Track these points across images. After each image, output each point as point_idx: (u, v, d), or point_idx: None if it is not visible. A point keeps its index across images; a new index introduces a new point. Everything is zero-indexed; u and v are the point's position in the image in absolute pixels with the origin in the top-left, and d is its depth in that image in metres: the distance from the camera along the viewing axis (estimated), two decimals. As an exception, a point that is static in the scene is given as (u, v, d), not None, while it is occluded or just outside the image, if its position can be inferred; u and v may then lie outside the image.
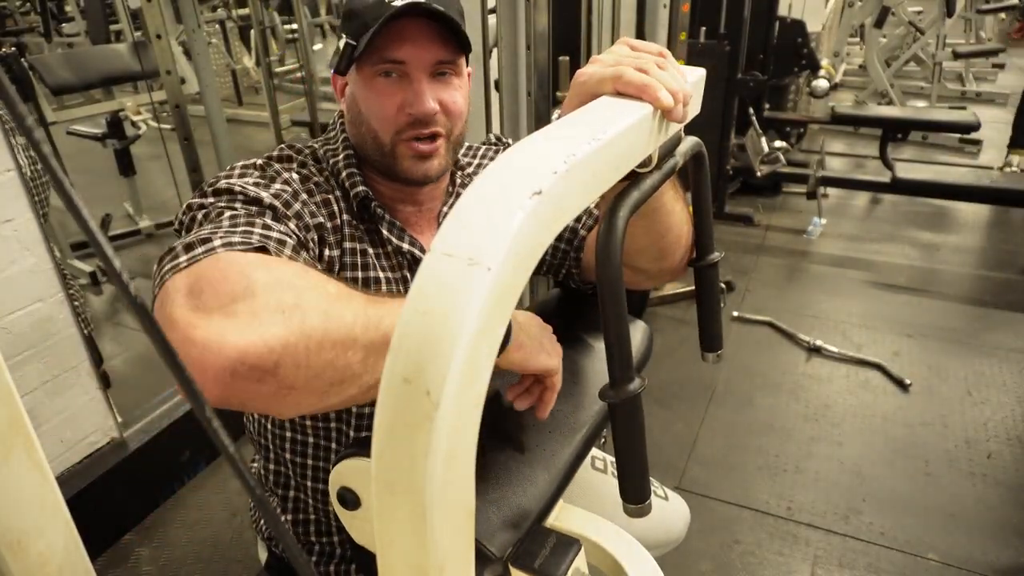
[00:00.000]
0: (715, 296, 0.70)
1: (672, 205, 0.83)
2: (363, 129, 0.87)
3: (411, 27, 0.80)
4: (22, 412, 0.60)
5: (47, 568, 0.66)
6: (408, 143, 0.85)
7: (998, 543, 1.80)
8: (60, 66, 3.13)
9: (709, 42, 3.29)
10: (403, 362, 0.31)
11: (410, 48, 0.81)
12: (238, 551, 1.84)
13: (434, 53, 0.82)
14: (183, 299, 0.59)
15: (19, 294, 1.62)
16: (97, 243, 0.27)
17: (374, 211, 0.88)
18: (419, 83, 0.83)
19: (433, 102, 0.83)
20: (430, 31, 0.81)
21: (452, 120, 0.86)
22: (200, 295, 0.58)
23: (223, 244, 0.64)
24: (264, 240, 0.68)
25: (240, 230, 0.68)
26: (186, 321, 0.56)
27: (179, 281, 0.61)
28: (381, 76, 0.83)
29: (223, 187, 0.75)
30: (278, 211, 0.75)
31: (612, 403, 0.50)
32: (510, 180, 0.37)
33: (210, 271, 0.61)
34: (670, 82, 0.56)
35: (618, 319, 0.48)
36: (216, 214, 0.71)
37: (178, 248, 0.65)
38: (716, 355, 0.71)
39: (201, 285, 0.59)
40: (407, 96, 0.83)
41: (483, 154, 1.06)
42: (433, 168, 0.87)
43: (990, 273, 3.16)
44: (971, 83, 5.97)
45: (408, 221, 0.93)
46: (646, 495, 0.54)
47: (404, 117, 0.84)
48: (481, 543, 0.63)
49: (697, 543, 1.82)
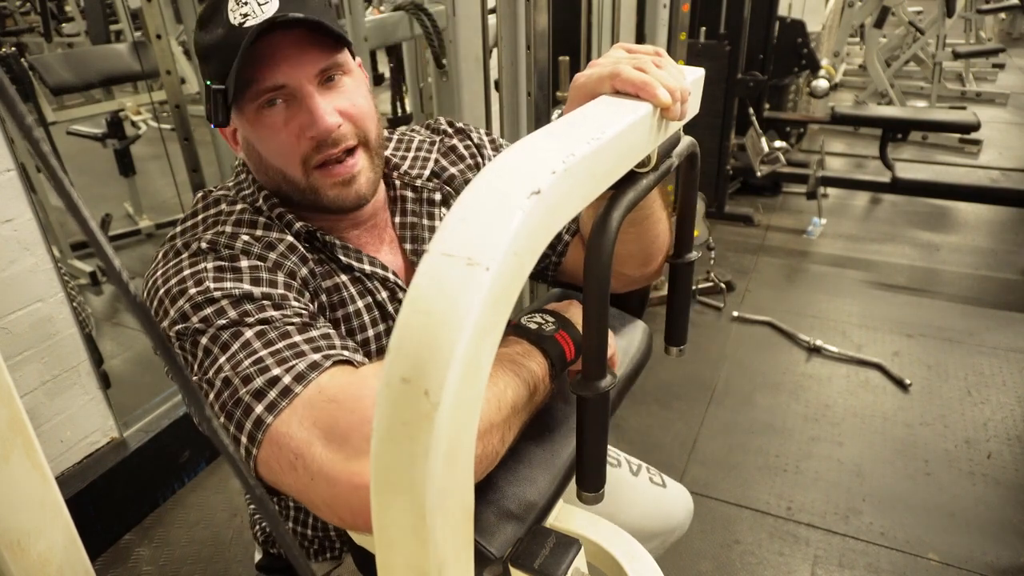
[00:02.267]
0: (687, 293, 0.72)
1: (660, 213, 0.85)
2: (271, 173, 0.78)
3: (275, 44, 0.71)
4: (22, 412, 0.60)
5: (47, 568, 0.66)
6: (323, 170, 0.76)
7: (998, 543, 1.80)
8: (60, 66, 3.13)
9: (709, 42, 3.29)
10: (402, 362, 0.31)
11: (284, 68, 0.72)
12: (238, 551, 1.84)
13: (312, 63, 0.73)
14: (323, 450, 0.58)
15: (19, 294, 1.62)
16: (97, 243, 0.27)
17: (323, 240, 0.81)
18: (310, 99, 0.73)
19: (333, 115, 0.74)
20: (298, 39, 0.72)
21: (361, 125, 0.77)
22: (345, 441, 0.58)
23: (295, 379, 0.62)
24: (324, 353, 0.65)
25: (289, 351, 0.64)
26: (348, 471, 0.57)
27: (291, 430, 0.60)
28: (265, 108, 0.74)
29: (201, 299, 0.67)
30: (273, 297, 0.69)
31: (582, 397, 0.51)
32: (509, 180, 0.37)
33: (342, 410, 0.59)
34: (668, 80, 0.56)
35: (599, 315, 0.49)
36: (231, 336, 0.66)
37: (244, 398, 0.62)
38: (679, 349, 0.73)
39: (339, 430, 0.58)
40: (302, 119, 0.73)
41: (418, 146, 0.95)
42: (363, 187, 0.79)
43: (990, 273, 3.16)
44: (971, 83, 5.97)
45: (358, 243, 0.86)
46: (602, 483, 0.55)
47: (307, 143, 0.74)
48: (480, 543, 0.63)
49: (697, 543, 1.82)
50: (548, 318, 0.75)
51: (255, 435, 0.62)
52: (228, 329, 0.66)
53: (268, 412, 0.61)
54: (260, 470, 0.63)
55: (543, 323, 0.74)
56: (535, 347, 0.71)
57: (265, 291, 0.69)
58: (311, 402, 0.61)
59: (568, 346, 0.73)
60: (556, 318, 0.75)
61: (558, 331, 0.73)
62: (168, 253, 0.74)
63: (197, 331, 0.67)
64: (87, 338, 1.79)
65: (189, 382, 0.30)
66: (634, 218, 0.81)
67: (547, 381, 0.70)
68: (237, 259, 0.72)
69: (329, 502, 0.59)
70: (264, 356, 0.64)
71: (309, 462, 0.59)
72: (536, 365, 0.69)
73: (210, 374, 0.66)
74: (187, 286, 0.69)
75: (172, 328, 0.68)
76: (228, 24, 0.71)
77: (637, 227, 0.83)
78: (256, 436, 0.62)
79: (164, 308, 0.69)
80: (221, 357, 0.65)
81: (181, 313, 0.68)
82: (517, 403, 0.65)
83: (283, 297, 0.70)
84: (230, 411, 0.63)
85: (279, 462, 0.61)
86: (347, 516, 0.59)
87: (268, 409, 0.61)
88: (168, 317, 0.69)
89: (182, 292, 0.68)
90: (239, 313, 0.67)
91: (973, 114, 3.45)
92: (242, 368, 0.64)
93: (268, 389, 0.62)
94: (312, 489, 0.59)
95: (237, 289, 0.68)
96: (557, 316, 0.76)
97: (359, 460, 0.57)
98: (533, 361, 0.69)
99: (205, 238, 0.74)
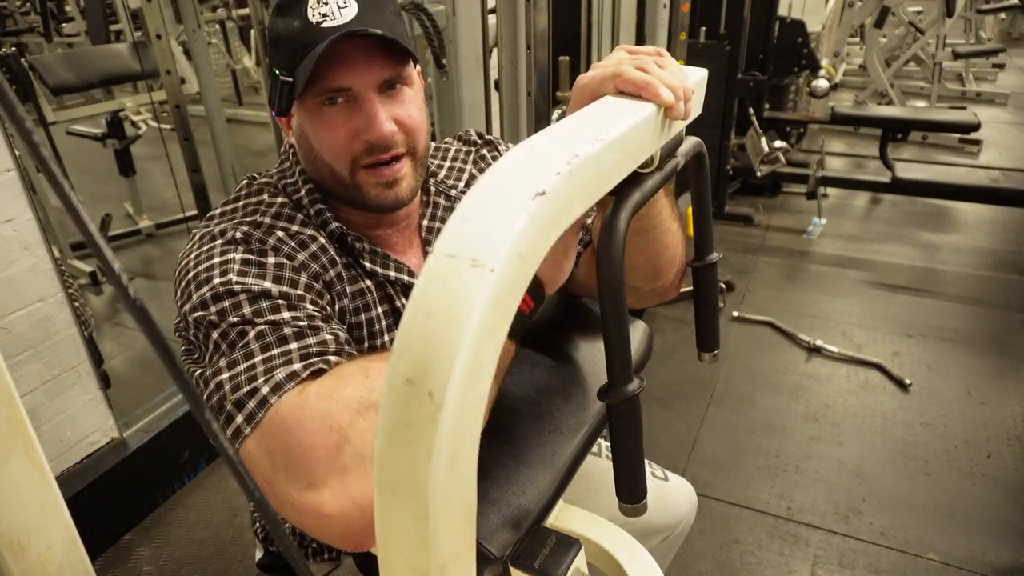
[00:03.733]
0: (713, 296, 0.70)
1: (668, 224, 0.82)
2: (318, 164, 0.81)
3: (348, 48, 0.73)
4: (22, 412, 0.60)
5: (47, 568, 0.65)
6: (369, 170, 0.79)
7: (998, 543, 1.80)
8: (60, 66, 3.13)
9: (709, 42, 3.29)
10: (406, 363, 0.31)
11: (352, 72, 0.75)
12: (238, 551, 1.83)
13: (380, 72, 0.76)
14: (285, 480, 0.59)
15: (19, 294, 1.62)
16: (96, 244, 0.27)
17: (352, 245, 0.83)
18: (371, 105, 0.76)
19: (389, 123, 0.76)
20: (369, 48, 0.75)
21: (412, 136, 0.80)
22: (303, 469, 0.58)
23: (272, 389, 0.63)
24: (309, 361, 0.66)
25: (279, 360, 0.65)
26: (312, 502, 0.57)
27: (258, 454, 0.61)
28: (326, 105, 0.76)
29: (221, 290, 0.70)
30: (291, 297, 0.71)
31: (610, 404, 0.50)
32: (513, 181, 0.37)
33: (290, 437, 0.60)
34: (669, 79, 0.56)
35: (618, 320, 0.48)
36: (237, 335, 0.68)
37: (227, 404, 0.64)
38: (712, 355, 0.71)
39: (293, 458, 0.59)
40: (359, 122, 0.76)
41: (454, 156, 1.00)
42: (403, 191, 0.81)
43: (990, 273, 3.16)
44: (971, 83, 5.97)
45: (388, 243, 0.88)
46: (642, 495, 0.54)
47: (360, 144, 0.77)
48: (481, 543, 0.63)
49: (697, 543, 1.82)
50: None
51: (234, 443, 0.63)
52: (237, 327, 0.68)
53: (247, 423, 0.63)
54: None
55: None
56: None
57: (284, 290, 0.72)
58: (270, 427, 0.62)
59: (525, 302, 0.71)
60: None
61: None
62: (204, 237, 0.77)
63: (211, 323, 0.69)
64: (87, 338, 1.79)
65: (189, 386, 0.30)
66: (640, 227, 0.79)
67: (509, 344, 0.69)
68: (266, 255, 0.74)
69: (300, 525, 0.60)
70: (257, 363, 0.66)
71: (276, 489, 0.60)
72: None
73: (208, 373, 0.68)
74: (213, 275, 0.71)
75: (192, 313, 0.71)
76: (305, 19, 0.74)
77: (643, 236, 0.81)
78: (235, 444, 0.63)
79: (189, 291, 0.72)
80: (223, 360, 0.67)
81: (202, 300, 0.70)
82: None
83: (300, 298, 0.72)
84: (217, 416, 0.65)
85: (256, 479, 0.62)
86: (322, 538, 0.61)
87: (247, 420, 0.63)
88: (190, 301, 0.71)
89: (208, 280, 0.71)
90: (253, 311, 0.69)
91: (973, 114, 3.45)
92: (235, 372, 0.66)
93: (247, 400, 0.64)
94: (283, 511, 0.61)
95: (257, 286, 0.71)
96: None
97: (318, 489, 0.58)
98: None
99: (241, 228, 0.76)
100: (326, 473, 0.57)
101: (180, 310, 0.73)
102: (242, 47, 6.44)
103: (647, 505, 0.54)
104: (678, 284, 0.91)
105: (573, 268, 0.97)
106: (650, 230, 0.81)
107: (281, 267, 0.74)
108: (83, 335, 1.76)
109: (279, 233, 0.77)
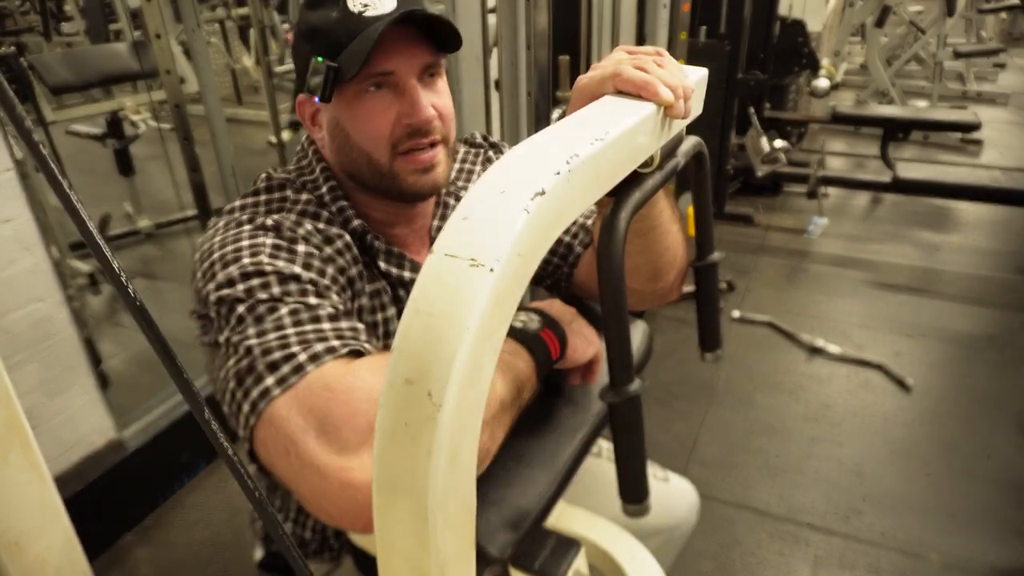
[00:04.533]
0: (715, 296, 0.70)
1: (669, 226, 0.83)
2: (354, 154, 0.81)
3: (394, 33, 0.75)
4: (20, 413, 0.60)
5: (46, 569, 0.65)
6: (407, 157, 0.80)
7: (998, 543, 1.79)
8: (59, 66, 3.12)
9: (709, 42, 3.28)
10: (405, 363, 0.31)
11: (397, 57, 0.76)
12: (238, 551, 1.83)
13: (421, 57, 0.78)
14: (316, 440, 0.59)
15: (18, 294, 1.61)
16: (95, 245, 0.27)
17: (371, 244, 0.85)
18: (414, 91, 0.78)
19: (430, 108, 0.78)
20: (409, 33, 0.77)
21: (447, 124, 0.82)
22: (338, 432, 0.58)
23: (310, 358, 0.63)
24: (345, 341, 0.66)
25: (313, 335, 0.66)
26: (339, 466, 0.57)
27: (288, 414, 0.61)
28: (368, 91, 0.77)
29: (252, 270, 0.70)
30: (319, 285, 0.72)
31: (612, 404, 0.50)
32: (513, 181, 0.37)
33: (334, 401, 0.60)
34: (669, 78, 0.56)
35: (618, 320, 0.48)
36: (267, 310, 0.68)
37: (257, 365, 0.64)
38: (715, 355, 0.71)
39: (331, 421, 0.59)
40: (403, 107, 0.78)
41: (463, 158, 1.01)
42: (439, 177, 0.82)
43: (991, 273, 3.16)
44: (972, 83, 5.97)
45: (404, 242, 0.89)
46: (645, 495, 0.54)
47: (401, 129, 0.79)
48: (481, 544, 0.63)
49: (697, 543, 1.81)
50: (532, 316, 0.76)
51: (258, 405, 0.63)
52: (266, 303, 0.69)
53: (277, 386, 0.63)
54: (257, 448, 0.65)
55: (527, 321, 0.75)
56: (521, 346, 0.71)
57: (313, 277, 0.72)
58: (310, 388, 0.62)
59: (553, 344, 0.73)
60: (540, 316, 0.76)
61: (543, 329, 0.74)
62: (230, 224, 0.77)
63: (237, 299, 0.69)
64: (86, 339, 1.79)
65: (189, 386, 0.30)
66: (640, 229, 0.80)
67: (534, 380, 0.71)
68: (296, 242, 0.75)
69: (317, 494, 0.60)
70: (290, 334, 0.66)
71: (302, 451, 0.60)
72: (523, 363, 0.70)
73: (234, 339, 0.68)
74: (242, 255, 0.71)
75: (217, 291, 0.70)
76: (346, 10, 0.76)
77: (644, 238, 0.81)
78: (259, 406, 0.63)
79: (213, 271, 0.72)
80: (251, 328, 0.67)
81: (229, 278, 0.70)
82: (505, 400, 0.66)
83: (327, 288, 0.73)
84: (242, 377, 0.65)
85: (275, 444, 0.62)
86: (333, 511, 0.60)
87: (278, 383, 0.63)
88: (214, 280, 0.71)
89: (236, 259, 0.71)
90: (282, 291, 0.69)
91: (974, 114, 3.45)
92: (266, 340, 0.66)
93: (283, 364, 0.64)
94: (302, 478, 0.60)
95: (288, 269, 0.71)
96: (541, 314, 0.76)
97: (348, 456, 0.58)
98: (520, 359, 0.70)
99: (272, 217, 0.77)
100: (361, 443, 0.58)
101: (201, 291, 0.73)
102: (242, 47, 6.44)
103: (650, 506, 0.54)
104: (679, 286, 0.91)
105: (573, 268, 0.97)
106: (650, 232, 0.81)
107: (311, 256, 0.74)
108: (82, 335, 1.76)
109: (307, 226, 0.78)
